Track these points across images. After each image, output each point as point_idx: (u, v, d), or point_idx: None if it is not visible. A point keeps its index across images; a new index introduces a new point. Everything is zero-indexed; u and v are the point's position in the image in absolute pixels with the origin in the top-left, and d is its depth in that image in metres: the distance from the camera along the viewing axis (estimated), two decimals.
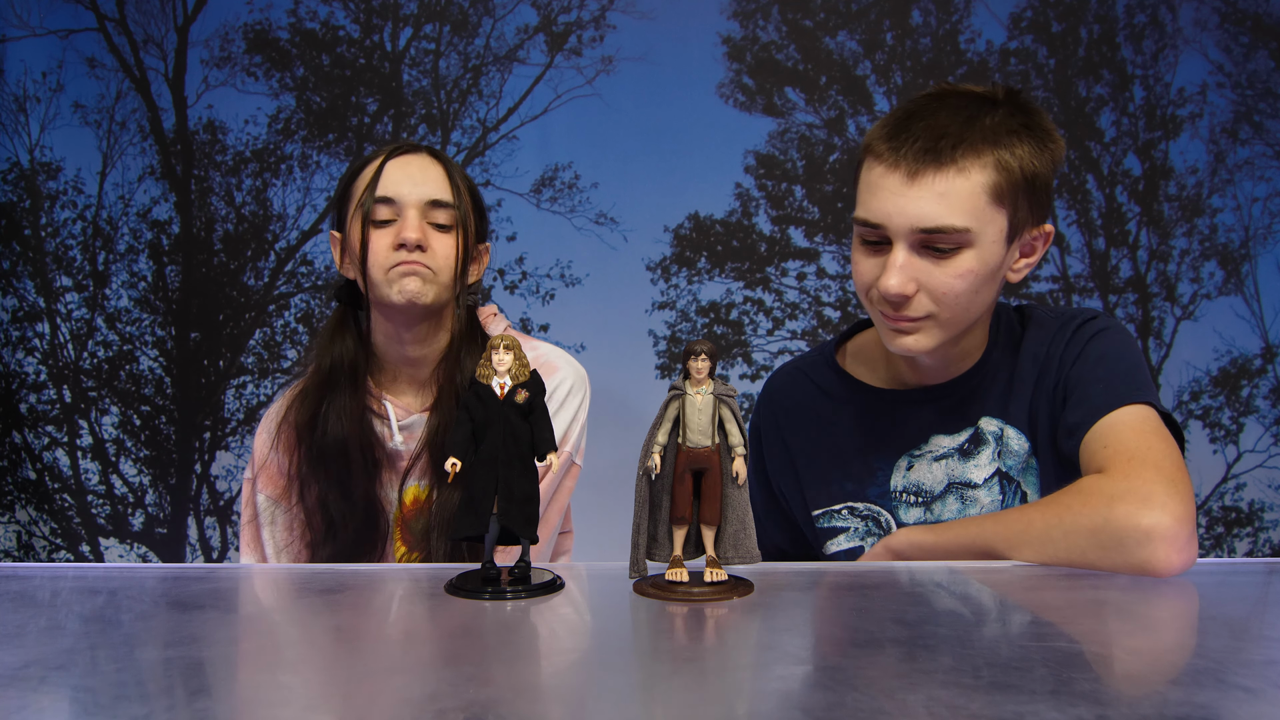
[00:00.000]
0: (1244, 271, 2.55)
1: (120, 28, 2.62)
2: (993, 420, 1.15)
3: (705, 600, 0.80)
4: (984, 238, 1.02)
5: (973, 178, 1.00)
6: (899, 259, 1.02)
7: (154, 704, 0.56)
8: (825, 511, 1.21)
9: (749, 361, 2.61)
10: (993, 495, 1.14)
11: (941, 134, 1.01)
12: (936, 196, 1.00)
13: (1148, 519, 0.87)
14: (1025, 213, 1.04)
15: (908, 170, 1.01)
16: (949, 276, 1.02)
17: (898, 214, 1.02)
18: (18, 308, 2.65)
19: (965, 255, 1.02)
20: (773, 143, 2.58)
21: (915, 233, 1.02)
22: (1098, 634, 0.73)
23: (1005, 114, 1.04)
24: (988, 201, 1.01)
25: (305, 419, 1.22)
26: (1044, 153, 1.04)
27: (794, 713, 0.52)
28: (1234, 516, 2.56)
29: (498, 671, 0.61)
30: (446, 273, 1.19)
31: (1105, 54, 2.56)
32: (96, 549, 2.66)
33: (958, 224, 1.00)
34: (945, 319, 1.06)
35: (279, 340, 2.65)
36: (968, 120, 1.02)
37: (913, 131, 1.02)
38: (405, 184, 1.17)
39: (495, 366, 0.82)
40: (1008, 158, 1.01)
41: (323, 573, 0.94)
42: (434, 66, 2.62)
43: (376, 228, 1.17)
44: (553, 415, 1.23)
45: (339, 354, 1.23)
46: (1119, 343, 1.11)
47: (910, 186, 1.01)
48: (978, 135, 1.01)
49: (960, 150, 1.00)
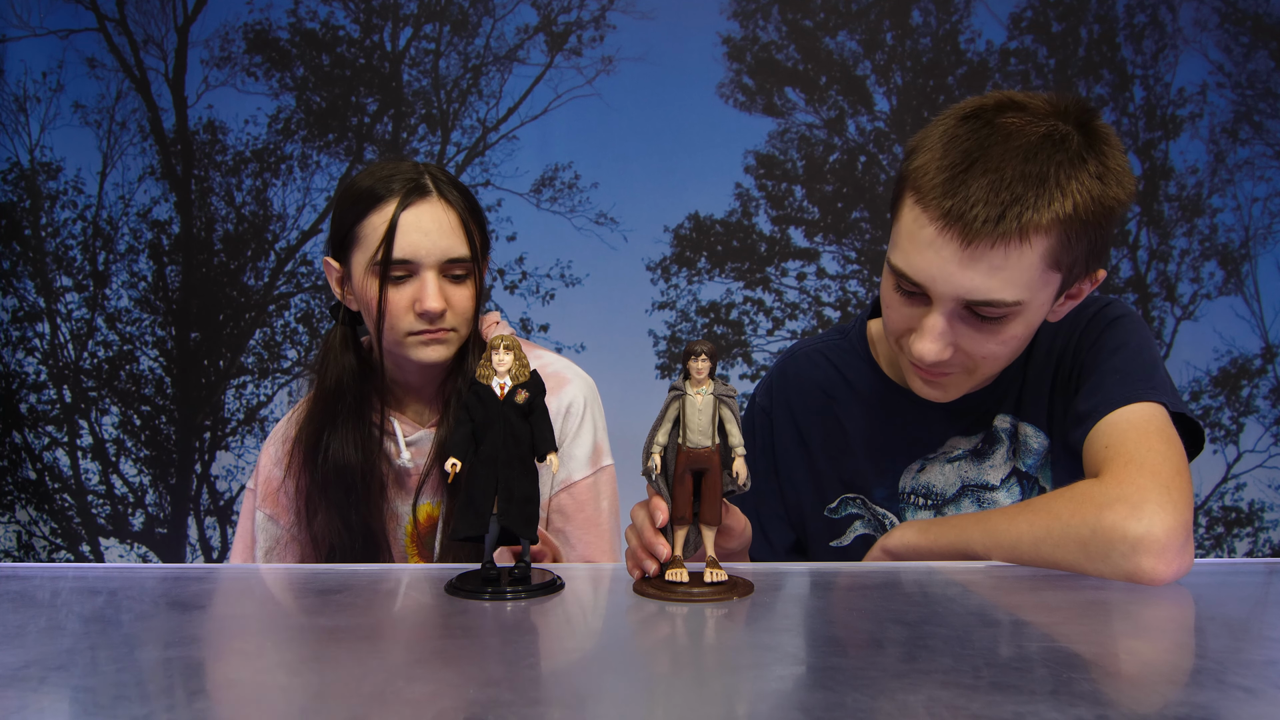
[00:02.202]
0: (1244, 271, 2.55)
1: (120, 28, 2.62)
2: (1005, 417, 1.12)
3: (705, 600, 0.80)
4: (1034, 303, 0.95)
5: (1035, 247, 0.90)
6: (939, 325, 0.95)
7: (154, 704, 0.56)
8: (841, 500, 1.19)
9: (749, 361, 2.61)
10: (1013, 496, 1.12)
11: (1006, 197, 0.88)
12: (991, 270, 0.90)
13: (1136, 528, 0.86)
14: (1081, 267, 0.96)
15: (963, 237, 0.89)
16: (991, 344, 0.97)
17: (944, 281, 0.92)
18: (18, 308, 2.65)
19: (1013, 324, 0.95)
20: (773, 143, 2.58)
21: (961, 301, 0.94)
22: (1098, 634, 0.73)
23: (1077, 151, 0.91)
24: (1044, 268, 0.92)
25: (309, 445, 1.22)
26: (1109, 198, 0.92)
27: (794, 713, 0.52)
28: (1234, 516, 2.56)
29: (498, 672, 0.61)
30: (465, 325, 1.20)
31: (1105, 54, 2.56)
32: (96, 549, 2.66)
33: (1009, 298, 0.92)
34: (979, 375, 1.03)
35: (279, 340, 2.65)
36: (1038, 179, 0.89)
37: (972, 191, 0.89)
38: (422, 244, 1.14)
39: (495, 367, 0.82)
40: (1073, 221, 0.90)
41: (323, 573, 0.94)
42: (434, 66, 2.62)
43: (392, 284, 1.15)
44: (578, 433, 1.24)
45: (341, 376, 1.21)
46: (1136, 332, 1.08)
47: (963, 253, 0.90)
48: (1046, 196, 0.89)
49: (1025, 217, 0.88)
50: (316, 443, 1.20)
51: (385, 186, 1.15)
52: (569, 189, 2.59)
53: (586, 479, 1.24)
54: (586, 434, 1.25)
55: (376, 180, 1.16)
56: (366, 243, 1.16)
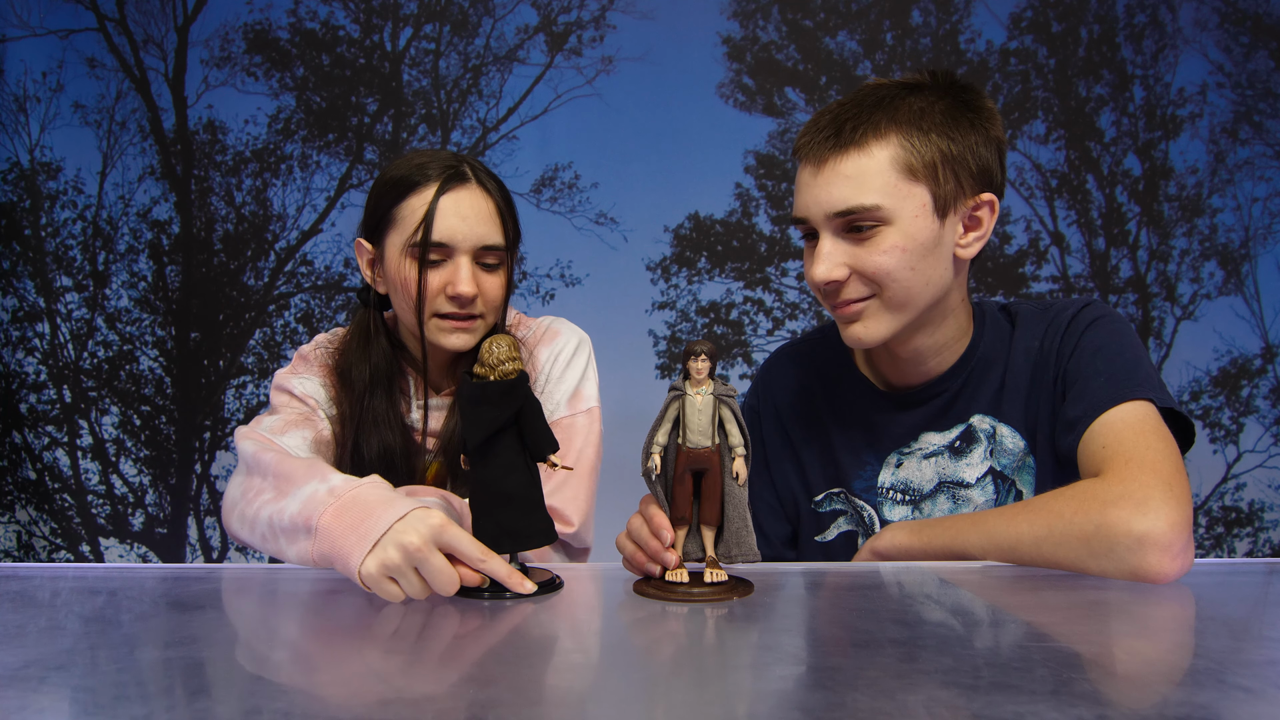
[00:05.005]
0: (1244, 271, 2.55)
1: (120, 28, 2.62)
2: (985, 418, 1.14)
3: (705, 600, 0.80)
4: (902, 212, 1.02)
5: (876, 155, 1.01)
6: (824, 247, 1.04)
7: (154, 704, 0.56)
8: (825, 495, 1.21)
9: (749, 361, 2.61)
10: (986, 494, 1.14)
11: (844, 120, 1.03)
12: (843, 179, 1.02)
13: (1141, 525, 0.86)
14: (952, 185, 1.04)
15: (815, 159, 1.04)
16: (874, 255, 1.03)
17: (813, 203, 1.04)
18: (18, 308, 2.65)
19: (886, 232, 1.02)
20: (773, 143, 2.58)
21: (832, 218, 1.03)
22: (1098, 635, 0.73)
23: (924, 95, 1.05)
24: (899, 177, 1.02)
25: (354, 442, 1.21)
26: (962, 124, 1.04)
27: (794, 713, 0.52)
28: (1234, 516, 2.56)
29: (497, 672, 0.61)
30: (494, 312, 1.21)
31: (1105, 54, 2.56)
32: (96, 549, 2.66)
33: (867, 202, 1.01)
34: (888, 299, 1.05)
35: (279, 340, 2.65)
36: (874, 105, 1.03)
37: (821, 125, 1.04)
38: (460, 228, 1.15)
39: (493, 362, 0.82)
40: (915, 133, 1.02)
41: (323, 573, 0.94)
42: (434, 66, 2.62)
43: (428, 267, 1.16)
44: (562, 376, 1.26)
45: (379, 364, 1.23)
46: (1116, 332, 1.09)
47: (819, 174, 1.03)
48: (881, 116, 1.02)
49: (860, 131, 1.02)
50: (356, 431, 1.21)
51: (424, 172, 1.17)
52: (569, 189, 2.59)
53: (564, 419, 1.25)
54: (571, 377, 1.27)
55: (415, 166, 1.18)
56: (404, 225, 1.17)
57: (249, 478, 1.01)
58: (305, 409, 1.21)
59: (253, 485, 0.99)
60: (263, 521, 0.94)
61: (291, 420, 1.18)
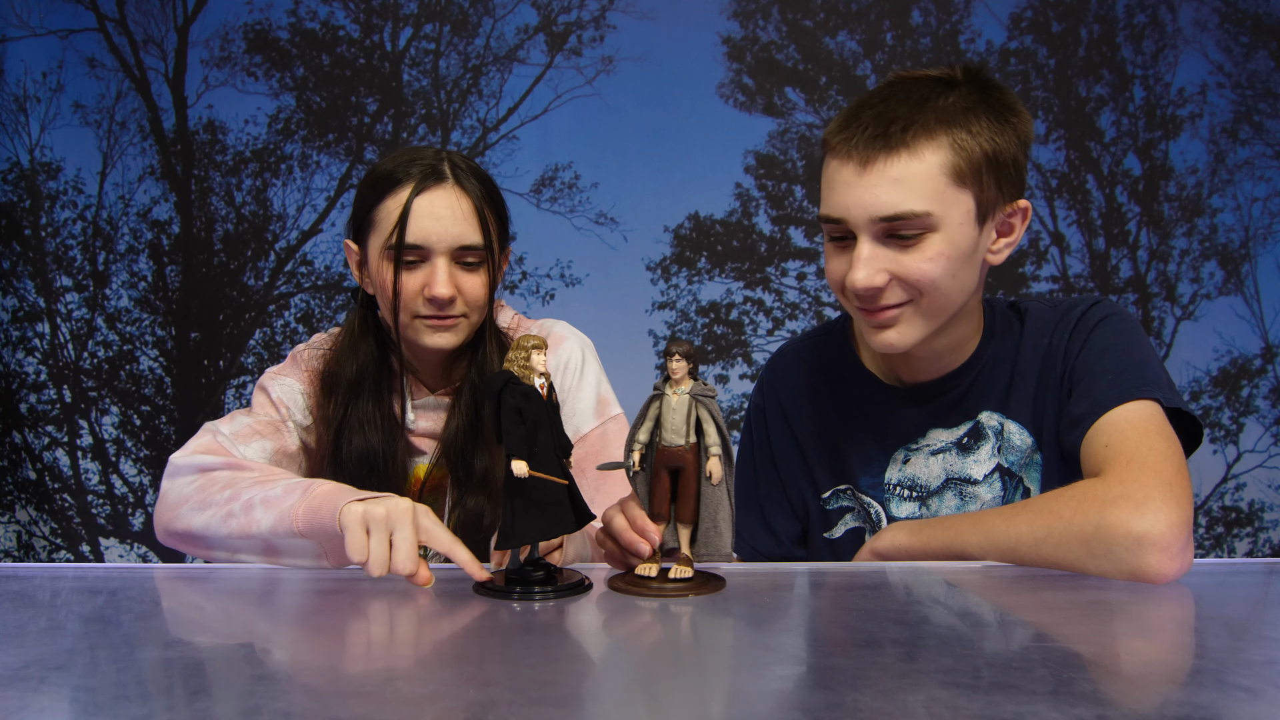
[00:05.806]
0: (1244, 271, 2.55)
1: (120, 28, 2.62)
2: (993, 415, 1.14)
3: (674, 595, 0.81)
4: (949, 219, 0.99)
5: (927, 159, 0.98)
6: (865, 251, 1.00)
7: (154, 704, 0.56)
8: (833, 492, 1.21)
9: (749, 361, 2.61)
10: (994, 491, 1.13)
11: (891, 119, 0.98)
12: (891, 183, 0.98)
13: (1140, 525, 0.86)
14: (994, 191, 1.02)
15: (860, 159, 0.99)
16: (919, 262, 1.00)
17: (855, 205, 1.00)
18: (18, 308, 2.65)
19: (932, 239, 0.99)
20: (773, 143, 2.58)
21: (876, 222, 0.99)
22: (1098, 635, 0.73)
23: (962, 93, 1.02)
24: (948, 183, 0.98)
25: (334, 437, 1.22)
26: (1005, 128, 1.01)
27: (793, 713, 0.52)
28: (1234, 516, 2.56)
29: (497, 672, 0.61)
30: (476, 312, 1.20)
31: (1105, 54, 2.56)
32: (96, 549, 2.66)
33: (917, 209, 0.98)
34: (924, 306, 1.04)
35: (279, 340, 2.65)
36: (919, 103, 1.00)
37: (862, 120, 1.00)
38: (434, 229, 1.14)
39: (535, 366, 0.83)
40: (964, 136, 0.99)
41: (323, 574, 0.94)
42: (434, 66, 2.62)
43: (404, 269, 1.16)
44: (577, 386, 1.25)
45: (365, 365, 1.23)
46: (1125, 331, 1.09)
47: (864, 175, 0.99)
48: (930, 116, 0.99)
49: (911, 132, 0.98)
50: (339, 432, 1.21)
51: (404, 171, 1.17)
52: (569, 189, 2.59)
53: (595, 429, 1.24)
54: (589, 385, 1.26)
55: (397, 165, 1.18)
56: (381, 226, 1.17)
57: (211, 473, 1.06)
58: (275, 418, 1.20)
59: (219, 479, 1.04)
60: (240, 500, 0.98)
61: (258, 429, 1.18)
